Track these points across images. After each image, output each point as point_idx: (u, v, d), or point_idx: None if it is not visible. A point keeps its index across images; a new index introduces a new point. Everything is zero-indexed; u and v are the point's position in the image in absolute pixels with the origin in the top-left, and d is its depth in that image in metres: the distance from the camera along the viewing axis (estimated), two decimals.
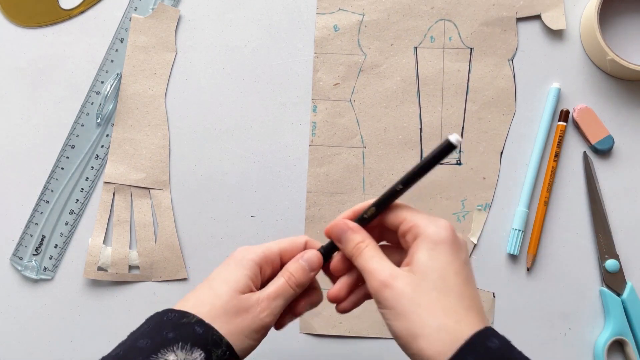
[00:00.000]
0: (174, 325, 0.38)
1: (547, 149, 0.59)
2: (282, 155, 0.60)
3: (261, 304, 0.41)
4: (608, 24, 0.58)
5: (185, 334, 0.38)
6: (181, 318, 0.39)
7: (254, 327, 0.40)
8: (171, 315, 0.40)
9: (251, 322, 0.40)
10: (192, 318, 0.39)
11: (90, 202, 0.60)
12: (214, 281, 0.42)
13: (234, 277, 0.42)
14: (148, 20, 0.60)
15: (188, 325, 0.38)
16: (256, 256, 0.43)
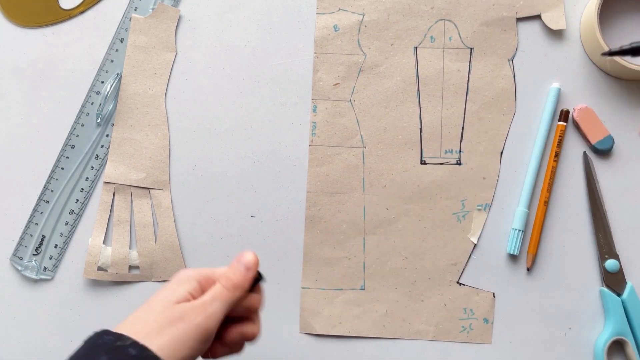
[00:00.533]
0: (108, 349, 0.39)
1: (547, 149, 0.59)
2: (282, 155, 0.60)
3: (196, 309, 0.41)
4: (608, 24, 0.58)
5: (118, 357, 0.38)
6: (116, 341, 0.39)
7: (189, 334, 0.40)
8: (107, 338, 0.40)
9: (186, 329, 0.40)
10: (126, 340, 0.39)
11: (90, 202, 0.60)
12: (152, 300, 0.43)
13: (169, 292, 0.42)
14: (148, 20, 0.60)
15: (122, 348, 0.39)
16: (196, 273, 0.44)
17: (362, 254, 0.59)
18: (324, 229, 0.59)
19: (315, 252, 0.59)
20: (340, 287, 0.59)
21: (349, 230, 0.59)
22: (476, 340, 0.58)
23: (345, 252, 0.59)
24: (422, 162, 0.59)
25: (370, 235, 0.59)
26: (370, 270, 0.59)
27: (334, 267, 0.59)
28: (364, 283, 0.59)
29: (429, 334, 0.58)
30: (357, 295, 0.59)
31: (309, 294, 0.59)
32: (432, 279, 0.58)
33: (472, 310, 0.58)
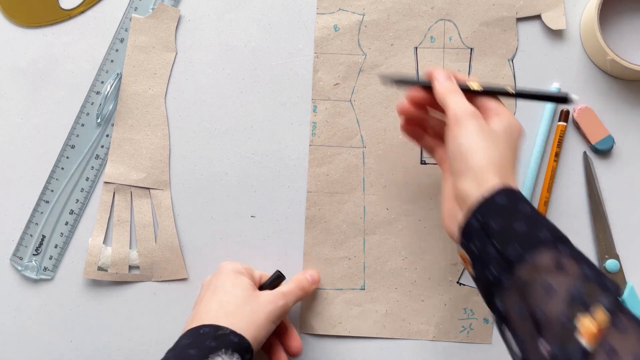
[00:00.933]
0: (213, 337, 0.46)
1: (547, 149, 0.59)
2: (282, 155, 0.60)
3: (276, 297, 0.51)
4: (608, 24, 0.58)
5: (224, 342, 0.46)
6: (217, 330, 0.47)
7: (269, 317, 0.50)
8: (206, 329, 0.47)
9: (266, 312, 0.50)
10: (226, 330, 0.47)
11: (91, 202, 0.60)
12: (224, 289, 0.51)
13: (240, 281, 0.52)
14: (148, 20, 0.60)
15: (225, 335, 0.47)
16: (241, 266, 0.54)
17: (362, 254, 0.59)
18: (324, 229, 0.59)
19: (315, 252, 0.59)
20: (340, 287, 0.59)
21: (349, 230, 0.59)
22: (476, 340, 0.58)
23: (346, 252, 0.59)
24: (422, 162, 0.59)
25: (370, 235, 0.59)
26: (371, 270, 0.59)
27: (334, 267, 0.59)
28: (364, 283, 0.59)
29: (429, 334, 0.58)
30: (357, 295, 0.59)
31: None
32: (432, 279, 0.58)
33: (472, 310, 0.58)
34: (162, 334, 0.59)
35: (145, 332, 0.59)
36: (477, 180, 0.43)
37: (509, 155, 0.44)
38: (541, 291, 0.37)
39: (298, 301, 0.55)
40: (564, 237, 0.40)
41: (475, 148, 0.43)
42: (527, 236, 0.39)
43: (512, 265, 0.38)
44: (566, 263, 0.37)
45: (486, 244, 0.40)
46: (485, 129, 0.44)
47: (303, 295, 0.55)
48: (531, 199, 0.58)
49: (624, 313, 0.35)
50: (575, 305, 0.35)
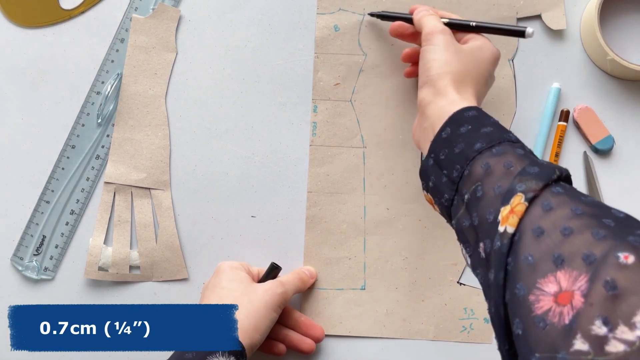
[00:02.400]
0: None
1: (548, 149, 0.59)
2: (282, 155, 0.60)
3: (276, 285, 0.53)
4: (608, 24, 0.58)
5: None
6: None
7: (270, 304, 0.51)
8: None
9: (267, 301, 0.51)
10: None
11: (91, 202, 0.60)
12: (222, 285, 0.52)
13: (238, 276, 0.53)
14: (148, 21, 0.60)
15: None
16: (238, 263, 0.56)
17: (362, 254, 0.59)
18: (324, 229, 0.59)
19: (315, 252, 0.59)
20: (340, 287, 0.59)
21: (350, 230, 0.59)
22: (476, 340, 0.58)
23: (346, 252, 0.59)
24: (413, 129, 0.59)
25: (370, 235, 0.59)
26: (371, 270, 0.59)
27: (334, 267, 0.59)
28: (365, 283, 0.59)
29: (430, 334, 0.58)
30: (358, 295, 0.59)
31: (310, 294, 0.59)
32: (432, 278, 0.58)
33: (472, 310, 0.58)
34: None
35: None
36: (432, 88, 0.47)
37: (473, 70, 0.48)
38: (475, 198, 0.38)
39: (298, 292, 0.56)
40: (502, 136, 0.41)
41: (437, 59, 0.47)
42: (464, 153, 0.41)
43: (456, 184, 0.40)
44: (493, 164, 0.38)
45: (440, 176, 0.42)
46: (451, 44, 0.48)
47: (302, 285, 0.56)
48: None
49: (554, 193, 0.34)
50: (498, 201, 0.36)
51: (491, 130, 0.41)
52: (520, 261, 0.32)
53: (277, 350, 0.55)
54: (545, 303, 0.30)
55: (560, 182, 0.36)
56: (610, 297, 0.27)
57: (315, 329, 0.56)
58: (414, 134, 0.50)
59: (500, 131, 0.41)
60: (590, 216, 0.32)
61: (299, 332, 0.56)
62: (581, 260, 0.29)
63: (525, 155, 0.39)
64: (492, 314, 0.34)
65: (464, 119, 0.43)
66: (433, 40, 0.48)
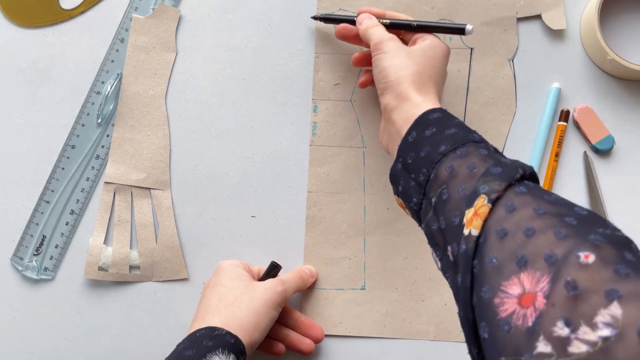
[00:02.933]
0: (210, 337, 0.47)
1: (548, 149, 0.59)
2: (282, 155, 0.60)
3: (276, 283, 0.53)
4: (608, 24, 0.58)
5: (221, 342, 0.47)
6: (213, 331, 0.48)
7: (270, 303, 0.51)
8: (202, 331, 0.48)
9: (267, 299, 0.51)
10: (222, 331, 0.48)
11: (91, 202, 0.60)
12: (223, 288, 0.52)
13: (239, 275, 0.53)
14: (148, 21, 0.60)
15: (221, 336, 0.47)
16: (239, 262, 0.56)
17: (362, 254, 0.59)
18: (324, 229, 0.59)
19: (315, 252, 0.59)
20: (340, 287, 0.59)
21: (350, 230, 0.59)
22: None
23: (346, 252, 0.59)
24: (380, 136, 0.59)
25: (370, 235, 0.59)
26: (371, 270, 0.59)
27: (334, 267, 0.59)
28: (365, 283, 0.59)
29: (430, 334, 0.58)
30: (358, 295, 0.59)
31: (310, 293, 0.59)
32: (432, 278, 0.58)
33: None
34: (163, 334, 0.59)
35: (146, 332, 0.59)
36: (394, 92, 0.47)
37: (429, 69, 0.48)
38: (441, 202, 0.38)
39: (298, 290, 0.56)
40: (467, 137, 0.41)
41: (393, 65, 0.47)
42: (430, 156, 0.41)
43: (423, 187, 0.40)
44: (457, 166, 0.38)
45: (408, 180, 0.42)
46: (401, 48, 0.48)
47: (302, 284, 0.56)
48: None
49: (517, 193, 0.34)
50: (463, 203, 0.36)
51: (455, 131, 0.41)
52: (485, 263, 0.32)
53: (277, 349, 0.55)
54: (509, 306, 0.29)
55: (524, 181, 0.36)
56: (572, 297, 0.27)
57: (315, 329, 0.56)
58: (380, 139, 0.50)
59: (464, 132, 0.41)
60: (553, 215, 0.31)
61: (298, 332, 0.56)
62: (543, 261, 0.29)
63: (489, 155, 0.38)
64: (461, 318, 0.34)
65: (429, 121, 0.43)
66: (383, 48, 0.49)
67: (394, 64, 0.47)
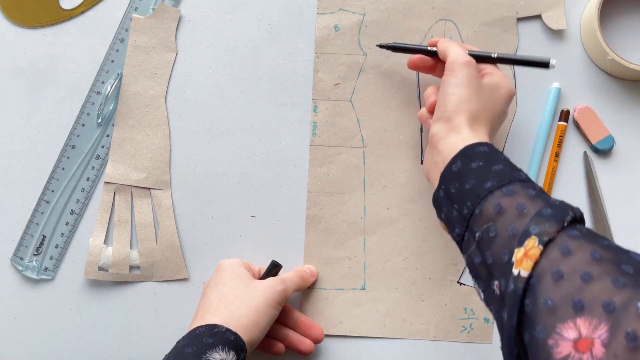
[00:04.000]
0: (210, 334, 0.47)
1: (548, 148, 0.59)
2: (282, 155, 0.60)
3: (276, 282, 0.53)
4: (608, 24, 0.58)
5: (221, 339, 0.47)
6: (213, 329, 0.48)
7: (270, 302, 0.51)
8: (202, 328, 0.48)
9: (268, 298, 0.51)
10: (221, 328, 0.48)
11: (91, 202, 0.60)
12: (224, 287, 0.52)
13: (240, 273, 0.54)
14: (148, 20, 0.60)
15: (221, 333, 0.47)
16: (240, 261, 0.56)
17: (362, 254, 0.59)
18: (324, 229, 0.59)
19: (315, 252, 0.59)
20: (340, 287, 0.59)
21: (350, 230, 0.59)
22: (477, 340, 0.58)
23: (346, 252, 0.59)
24: (423, 162, 0.59)
25: (370, 235, 0.59)
26: (371, 270, 0.59)
27: (334, 267, 0.59)
28: (365, 283, 0.59)
29: (430, 334, 0.58)
30: (358, 295, 0.59)
31: (310, 293, 0.59)
32: (432, 278, 0.58)
33: (472, 310, 0.58)
34: (163, 334, 0.59)
35: (146, 332, 0.59)
36: (447, 123, 0.47)
37: (489, 109, 0.48)
38: (487, 237, 0.39)
39: (298, 289, 0.56)
40: (513, 175, 0.41)
41: (457, 95, 0.47)
42: (475, 191, 0.41)
43: (467, 221, 0.41)
44: (505, 205, 0.39)
45: (451, 209, 0.43)
46: (473, 79, 0.48)
47: (302, 283, 0.56)
48: None
49: (571, 236, 0.34)
50: (512, 242, 0.36)
51: (502, 168, 0.42)
52: (539, 304, 0.32)
53: (276, 349, 0.55)
54: (564, 348, 0.30)
55: (575, 224, 0.36)
56: (632, 348, 0.27)
57: (315, 329, 0.56)
58: (423, 166, 0.50)
59: (510, 169, 0.42)
60: (609, 262, 0.32)
61: (298, 332, 0.56)
62: (601, 309, 0.29)
63: (537, 195, 0.39)
64: (504, 353, 0.35)
65: (475, 154, 0.43)
66: (456, 72, 0.48)
67: (459, 93, 0.47)
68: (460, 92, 0.47)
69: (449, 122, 0.47)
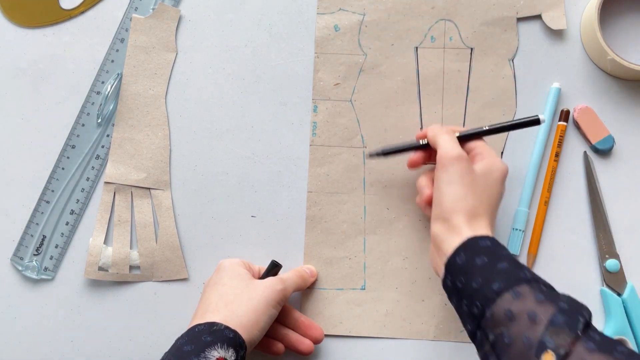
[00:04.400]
0: (209, 332, 0.47)
1: (548, 148, 0.59)
2: (282, 155, 0.60)
3: (275, 281, 0.52)
4: (608, 24, 0.58)
5: (219, 337, 0.46)
6: (212, 327, 0.47)
7: (269, 301, 0.51)
8: (201, 326, 0.48)
9: (266, 297, 0.51)
10: (220, 325, 0.47)
11: (91, 202, 0.60)
12: (223, 286, 0.52)
13: (239, 273, 0.53)
14: (148, 20, 0.60)
15: (220, 331, 0.47)
16: (240, 260, 0.56)
17: (362, 254, 0.59)
18: (324, 229, 0.59)
19: (315, 252, 0.59)
20: (340, 287, 0.59)
21: (350, 230, 0.59)
22: None
23: (346, 252, 0.59)
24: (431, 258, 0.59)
25: (370, 235, 0.59)
26: (371, 270, 0.59)
27: (334, 267, 0.59)
28: (365, 283, 0.59)
29: (430, 334, 0.58)
30: (358, 295, 0.59)
31: (310, 293, 0.59)
32: (432, 278, 0.58)
33: None
34: (163, 334, 0.59)
35: (146, 332, 0.59)
36: (446, 224, 0.47)
37: (485, 198, 0.48)
38: (502, 344, 0.39)
39: (298, 289, 0.56)
40: (519, 275, 0.42)
41: (452, 194, 0.47)
42: (483, 292, 0.42)
43: (477, 320, 0.42)
44: (516, 312, 0.39)
45: (460, 302, 0.44)
46: (466, 174, 0.48)
47: (302, 283, 0.56)
48: (532, 198, 0.58)
49: (587, 350, 0.36)
50: (529, 353, 0.37)
51: (507, 267, 0.42)
52: None
53: (275, 349, 0.55)
54: None
55: (589, 330, 0.38)
56: None
57: (314, 329, 0.56)
58: (431, 260, 0.51)
59: (515, 268, 0.42)
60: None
61: (298, 332, 0.56)
62: None
63: (546, 299, 0.40)
64: None
65: (479, 248, 0.44)
66: (448, 167, 0.48)
67: (453, 192, 0.47)
68: (454, 190, 0.47)
69: (448, 223, 0.47)
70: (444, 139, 0.50)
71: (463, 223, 0.46)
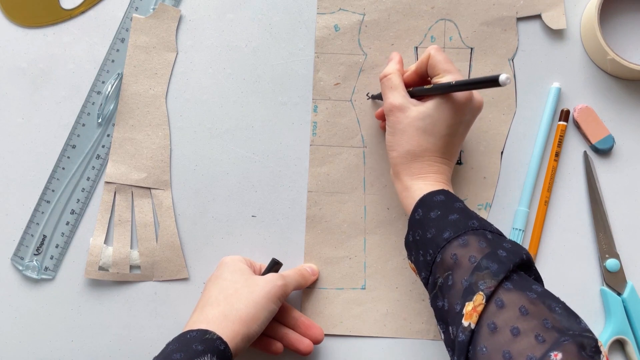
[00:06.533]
0: (200, 340, 0.46)
1: (548, 148, 0.59)
2: (282, 155, 0.60)
3: (275, 278, 0.53)
4: (608, 23, 0.58)
5: (210, 347, 0.46)
6: (204, 335, 0.47)
7: (270, 296, 0.51)
8: (194, 333, 0.47)
9: (267, 292, 0.51)
10: (213, 335, 0.47)
11: (92, 202, 0.60)
12: (224, 281, 0.52)
13: (240, 268, 0.54)
14: (149, 20, 0.60)
15: (212, 340, 0.46)
16: (240, 257, 0.56)
17: (362, 254, 0.59)
18: (324, 229, 0.59)
19: (316, 251, 0.59)
20: (341, 287, 0.59)
21: (350, 229, 0.59)
22: None
23: (346, 252, 0.59)
24: None
25: (371, 234, 0.59)
26: (371, 270, 0.59)
27: (334, 267, 0.59)
28: (365, 282, 0.59)
29: (430, 334, 0.58)
30: (358, 295, 0.59)
31: (310, 293, 0.59)
32: None
33: None
34: (163, 334, 0.59)
35: (146, 332, 0.59)
36: (395, 175, 0.52)
37: (423, 140, 0.50)
38: (447, 286, 0.43)
39: (298, 287, 0.56)
40: (467, 225, 0.45)
41: (389, 143, 0.52)
42: (435, 240, 0.46)
43: (430, 267, 0.46)
44: (460, 256, 0.43)
45: (418, 254, 0.48)
46: (400, 121, 0.50)
47: (303, 281, 0.57)
48: (532, 198, 0.58)
49: (504, 289, 0.40)
50: (464, 295, 0.41)
51: (457, 217, 0.46)
52: (477, 351, 0.39)
53: (274, 348, 0.55)
54: None
55: (516, 272, 0.41)
56: None
57: (314, 329, 0.56)
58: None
59: (465, 218, 0.46)
60: (535, 317, 0.38)
61: (298, 332, 0.56)
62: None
63: (488, 245, 0.43)
64: None
65: (433, 203, 0.48)
66: (389, 117, 0.51)
67: (389, 141, 0.51)
68: (390, 139, 0.51)
69: (396, 175, 0.52)
70: (389, 94, 0.52)
71: (406, 177, 0.51)
